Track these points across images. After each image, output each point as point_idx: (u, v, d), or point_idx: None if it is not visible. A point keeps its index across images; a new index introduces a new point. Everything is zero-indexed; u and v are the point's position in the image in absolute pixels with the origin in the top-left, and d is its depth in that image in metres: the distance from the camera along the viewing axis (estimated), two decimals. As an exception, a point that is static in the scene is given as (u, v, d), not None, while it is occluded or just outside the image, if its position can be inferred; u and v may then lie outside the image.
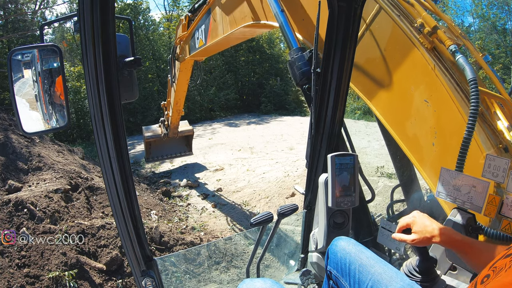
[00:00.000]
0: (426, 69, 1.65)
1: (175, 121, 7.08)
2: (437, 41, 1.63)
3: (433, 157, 1.68)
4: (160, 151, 7.90)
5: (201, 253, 3.58)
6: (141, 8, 15.74)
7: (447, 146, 1.62)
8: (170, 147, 7.98)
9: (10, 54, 1.03)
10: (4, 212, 3.35)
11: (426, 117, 1.68)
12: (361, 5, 1.57)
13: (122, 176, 1.17)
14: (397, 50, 1.78)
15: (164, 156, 8.00)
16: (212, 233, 4.92)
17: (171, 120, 6.97)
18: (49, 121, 1.19)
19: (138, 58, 1.21)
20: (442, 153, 1.64)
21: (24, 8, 13.16)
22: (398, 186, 3.01)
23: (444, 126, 1.64)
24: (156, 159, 8.00)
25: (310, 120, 1.81)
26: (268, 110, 16.98)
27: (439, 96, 1.61)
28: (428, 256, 1.21)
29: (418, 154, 1.76)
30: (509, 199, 1.27)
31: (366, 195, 2.11)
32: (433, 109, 1.65)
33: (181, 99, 6.37)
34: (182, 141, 8.13)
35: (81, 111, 12.80)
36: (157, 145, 7.83)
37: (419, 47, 1.66)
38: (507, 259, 0.63)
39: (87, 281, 3.07)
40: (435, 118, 1.65)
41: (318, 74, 1.72)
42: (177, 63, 5.42)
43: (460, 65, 1.52)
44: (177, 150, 8.08)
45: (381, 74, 1.87)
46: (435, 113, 1.64)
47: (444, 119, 1.62)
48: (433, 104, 1.64)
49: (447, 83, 1.58)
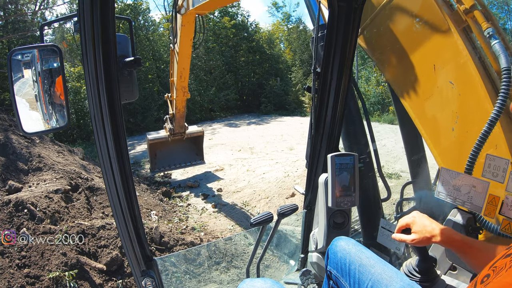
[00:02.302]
0: (456, 49, 1.51)
1: (181, 106, 6.12)
2: (471, 21, 1.48)
3: (451, 143, 1.57)
4: (167, 160, 6.96)
5: (201, 253, 3.58)
6: (141, 9, 15.75)
7: (467, 134, 1.50)
8: (178, 154, 6.99)
9: (10, 54, 1.03)
10: (4, 213, 3.35)
11: (449, 99, 1.55)
12: (361, 5, 1.58)
13: (122, 177, 1.17)
14: (426, 23, 1.62)
15: (171, 165, 7.01)
16: (212, 234, 4.92)
17: (175, 104, 6.07)
18: (49, 121, 1.19)
19: (138, 58, 1.21)
20: (461, 140, 1.53)
21: (24, 8, 13.17)
22: (409, 183, 2.90)
23: (467, 112, 1.51)
24: (163, 168, 7.05)
25: (310, 120, 1.81)
26: (268, 110, 16.99)
27: (467, 80, 1.48)
28: (428, 256, 1.21)
29: (435, 138, 1.64)
30: (509, 199, 1.27)
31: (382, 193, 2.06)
32: (458, 92, 1.51)
33: (186, 69, 5.67)
34: (191, 146, 7.16)
35: (81, 112, 12.81)
36: (163, 152, 6.89)
37: (451, 24, 1.51)
38: (507, 259, 0.63)
39: (87, 281, 3.07)
40: (459, 102, 1.52)
41: (318, 74, 1.72)
42: (178, 18, 4.98)
43: (496, 51, 1.38)
44: (186, 158, 7.06)
45: (406, 44, 1.70)
46: (459, 96, 1.51)
47: (468, 104, 1.50)
48: (459, 87, 1.51)
49: (477, 67, 1.45)
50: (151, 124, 13.49)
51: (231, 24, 17.49)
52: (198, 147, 7.20)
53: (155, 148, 6.85)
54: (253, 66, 18.54)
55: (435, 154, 1.65)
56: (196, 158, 7.13)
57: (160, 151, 6.89)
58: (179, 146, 6.94)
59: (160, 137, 6.72)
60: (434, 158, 1.66)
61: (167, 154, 6.93)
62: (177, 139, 6.82)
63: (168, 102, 6.58)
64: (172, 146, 6.87)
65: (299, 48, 20.58)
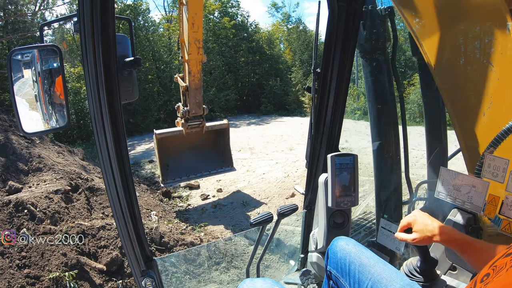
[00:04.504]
0: (502, 28, 1.38)
1: (195, 70, 4.70)
2: None
3: (480, 129, 1.46)
4: (183, 166, 5.10)
5: (201, 253, 3.58)
6: (141, 9, 15.77)
7: (498, 123, 1.39)
8: (197, 156, 5.17)
9: (10, 54, 1.03)
10: (4, 213, 3.35)
11: (485, 81, 1.43)
12: (361, 5, 1.58)
13: (122, 177, 1.17)
14: None
15: (189, 174, 5.14)
16: (212, 234, 4.92)
17: (189, 68, 4.69)
18: (49, 121, 1.19)
19: (138, 58, 1.21)
20: (490, 126, 1.42)
21: (24, 9, 13.17)
22: (424, 183, 2.80)
23: (504, 99, 1.40)
24: (178, 179, 5.20)
25: (310, 120, 1.81)
26: (268, 110, 17.00)
27: (509, 65, 1.36)
28: (429, 257, 1.21)
29: (463, 120, 1.52)
30: (509, 199, 1.27)
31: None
32: (496, 76, 1.40)
33: (199, 15, 4.48)
34: (214, 145, 5.51)
35: (81, 112, 12.82)
36: (176, 155, 5.12)
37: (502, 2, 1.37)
38: (507, 258, 0.63)
39: (87, 282, 3.07)
40: (496, 87, 1.40)
41: (317, 74, 1.72)
42: None
43: None
44: (209, 164, 5.19)
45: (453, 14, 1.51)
46: (498, 81, 1.40)
47: (507, 92, 1.39)
48: (499, 71, 1.39)
49: None
50: (151, 125, 13.49)
51: (231, 25, 17.50)
52: (223, 146, 5.45)
53: (166, 149, 5.10)
54: (253, 67, 18.55)
55: (460, 142, 1.55)
56: (222, 163, 5.37)
57: (171, 157, 5.16)
58: (198, 144, 5.28)
59: (172, 132, 5.12)
60: (460, 145, 1.56)
61: (182, 156, 5.24)
62: (195, 134, 5.21)
63: (179, 82, 5.10)
64: (189, 146, 5.28)
65: (299, 48, 20.60)
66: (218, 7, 17.91)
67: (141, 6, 15.80)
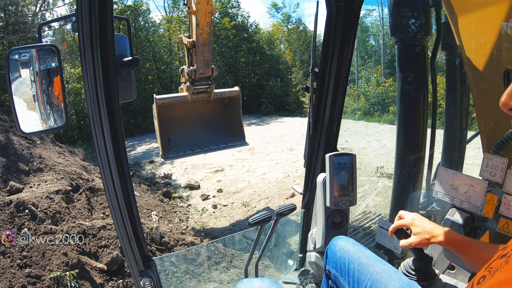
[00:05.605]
0: None
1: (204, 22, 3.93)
2: None
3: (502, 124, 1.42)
4: (186, 139, 4.30)
5: (201, 253, 3.58)
6: (141, 10, 15.77)
7: None
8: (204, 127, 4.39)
9: (8, 54, 1.04)
10: (5, 213, 3.36)
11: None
12: (359, 5, 1.58)
13: (120, 176, 1.17)
14: None
15: (195, 148, 4.30)
16: (212, 234, 4.92)
17: (197, 19, 3.92)
18: (47, 121, 1.19)
19: (136, 58, 1.21)
20: None
21: (25, 10, 13.20)
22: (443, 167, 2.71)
23: None
24: (182, 153, 4.34)
25: (308, 120, 1.81)
26: (268, 111, 16.99)
27: None
28: (423, 255, 1.21)
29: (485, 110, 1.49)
30: (507, 198, 1.27)
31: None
32: None
33: None
34: (223, 116, 4.65)
35: (81, 113, 12.84)
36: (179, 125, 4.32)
37: None
38: (502, 259, 0.64)
39: (88, 281, 3.08)
40: None
41: (316, 74, 1.73)
42: None
43: None
44: (217, 137, 4.40)
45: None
46: None
47: None
48: None
49: None
50: (151, 125, 13.49)
51: (231, 25, 17.51)
52: (234, 119, 4.62)
53: (167, 119, 4.25)
54: (253, 67, 18.54)
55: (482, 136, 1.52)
56: (232, 137, 4.58)
57: (173, 128, 4.30)
58: (205, 113, 4.49)
59: (176, 97, 4.33)
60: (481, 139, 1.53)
61: (186, 127, 4.44)
62: (201, 102, 4.40)
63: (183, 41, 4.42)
64: (194, 115, 4.48)
65: (299, 48, 20.59)
66: (218, 8, 17.91)
67: (141, 7, 15.82)
